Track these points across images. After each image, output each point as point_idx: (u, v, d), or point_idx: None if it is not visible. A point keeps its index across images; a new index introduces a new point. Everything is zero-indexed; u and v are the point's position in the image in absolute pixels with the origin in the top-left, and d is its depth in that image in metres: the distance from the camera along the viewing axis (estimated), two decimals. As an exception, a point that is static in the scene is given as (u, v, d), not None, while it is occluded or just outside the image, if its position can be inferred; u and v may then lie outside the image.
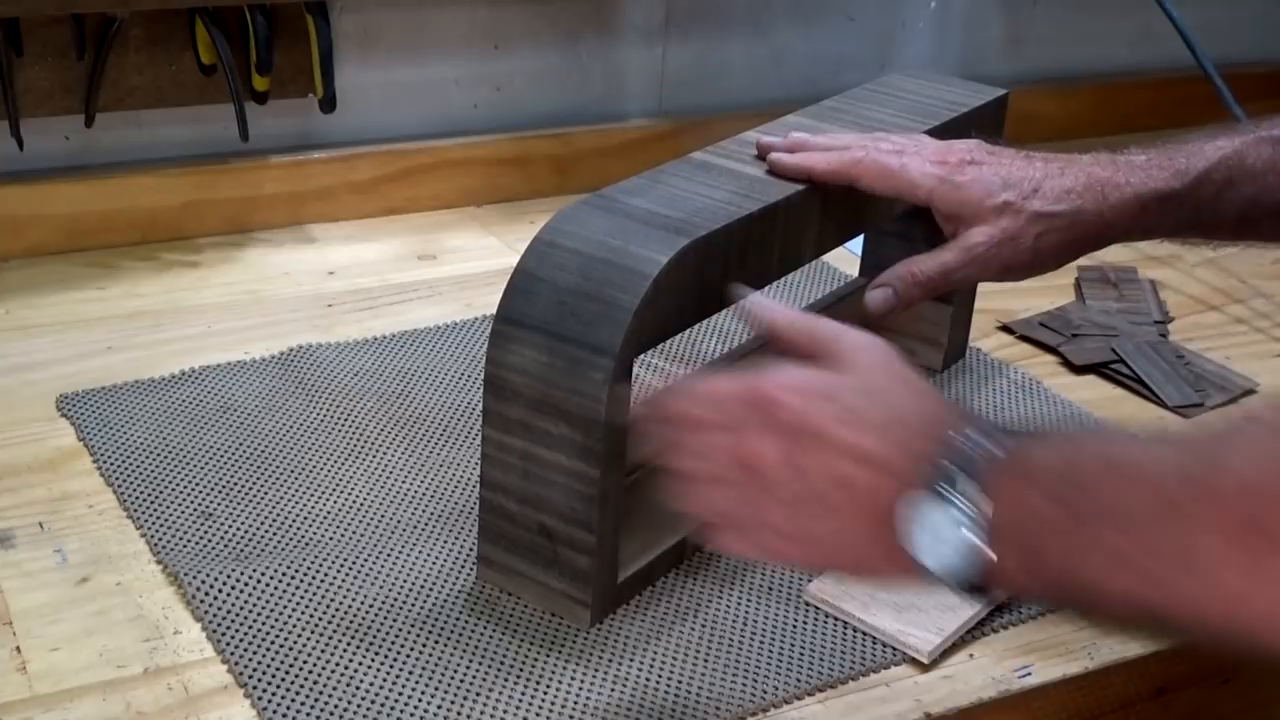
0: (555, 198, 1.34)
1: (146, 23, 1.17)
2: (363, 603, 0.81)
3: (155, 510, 0.88)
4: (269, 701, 0.74)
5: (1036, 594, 0.62)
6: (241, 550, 0.85)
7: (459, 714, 0.74)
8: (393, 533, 0.87)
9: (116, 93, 1.19)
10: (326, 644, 0.78)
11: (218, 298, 1.14)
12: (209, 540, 0.85)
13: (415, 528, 0.88)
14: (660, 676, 0.78)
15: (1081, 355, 1.14)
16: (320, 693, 0.75)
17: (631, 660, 0.79)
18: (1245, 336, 1.21)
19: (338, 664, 0.77)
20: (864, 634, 0.82)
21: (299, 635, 0.78)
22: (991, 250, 0.85)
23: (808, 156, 0.86)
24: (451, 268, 1.23)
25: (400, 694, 0.75)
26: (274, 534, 0.86)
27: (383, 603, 0.81)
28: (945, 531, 0.58)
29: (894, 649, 0.81)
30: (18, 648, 0.76)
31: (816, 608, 0.84)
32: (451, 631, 0.80)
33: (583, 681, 0.77)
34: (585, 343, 0.75)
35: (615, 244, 0.77)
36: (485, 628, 0.80)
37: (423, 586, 0.83)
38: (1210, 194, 0.84)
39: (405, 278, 1.20)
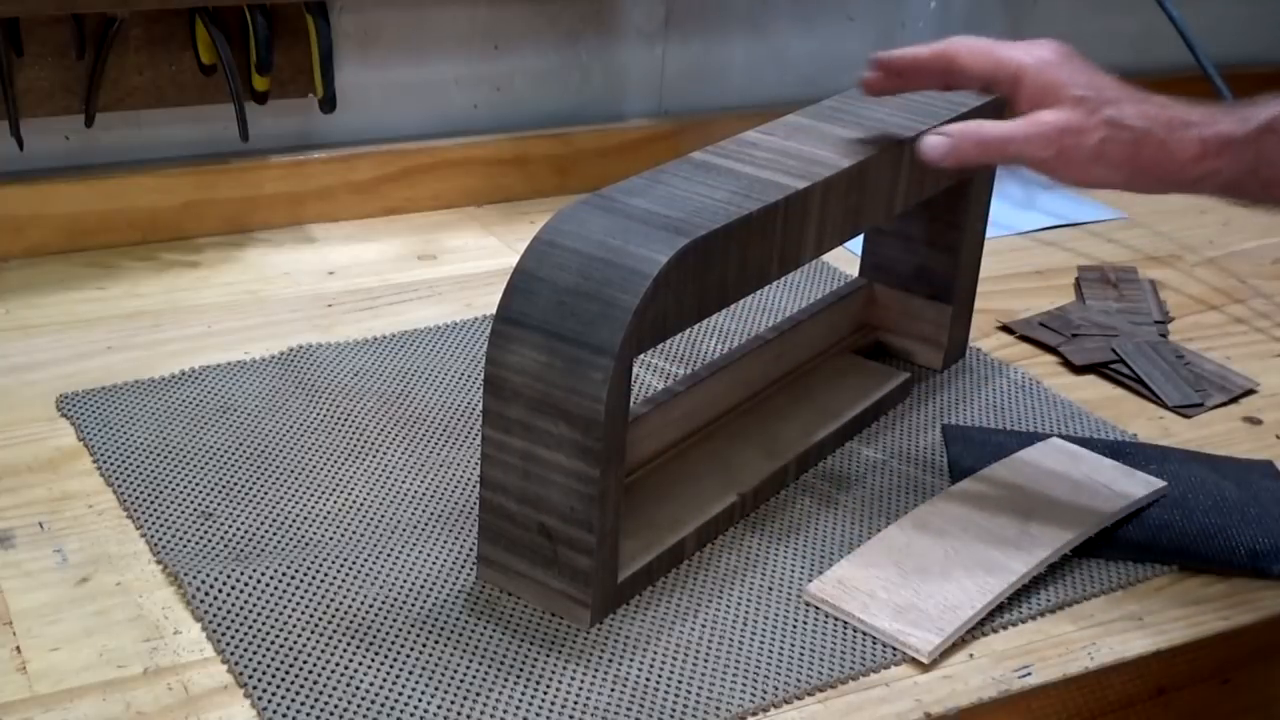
0: (555, 198, 1.34)
1: (146, 23, 1.17)
2: (363, 603, 0.81)
3: (155, 510, 0.88)
4: (269, 701, 0.74)
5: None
6: (241, 550, 0.85)
7: (459, 714, 0.74)
8: (393, 533, 0.88)
9: (116, 93, 1.19)
10: (326, 644, 0.78)
11: (218, 298, 1.14)
12: (209, 540, 0.85)
13: (415, 528, 0.88)
14: (660, 676, 0.78)
15: (1081, 355, 1.14)
16: (320, 693, 0.75)
17: (631, 660, 0.79)
18: (1245, 336, 1.21)
19: (338, 664, 0.77)
20: (864, 634, 0.82)
21: (299, 635, 0.78)
22: (1055, 133, 0.85)
23: (911, 48, 0.91)
24: (451, 268, 1.23)
25: (400, 694, 0.75)
26: (274, 534, 0.86)
27: (383, 603, 0.81)
28: None
29: (894, 649, 0.81)
30: (18, 648, 0.76)
31: (816, 607, 0.84)
32: (451, 631, 0.80)
33: (583, 681, 0.77)
34: (585, 342, 0.75)
35: (615, 244, 0.77)
36: (485, 628, 0.80)
37: (423, 586, 0.83)
38: (1272, 143, 0.86)
39: (405, 278, 1.20)
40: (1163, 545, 0.90)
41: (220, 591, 0.81)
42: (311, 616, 0.80)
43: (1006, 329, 1.18)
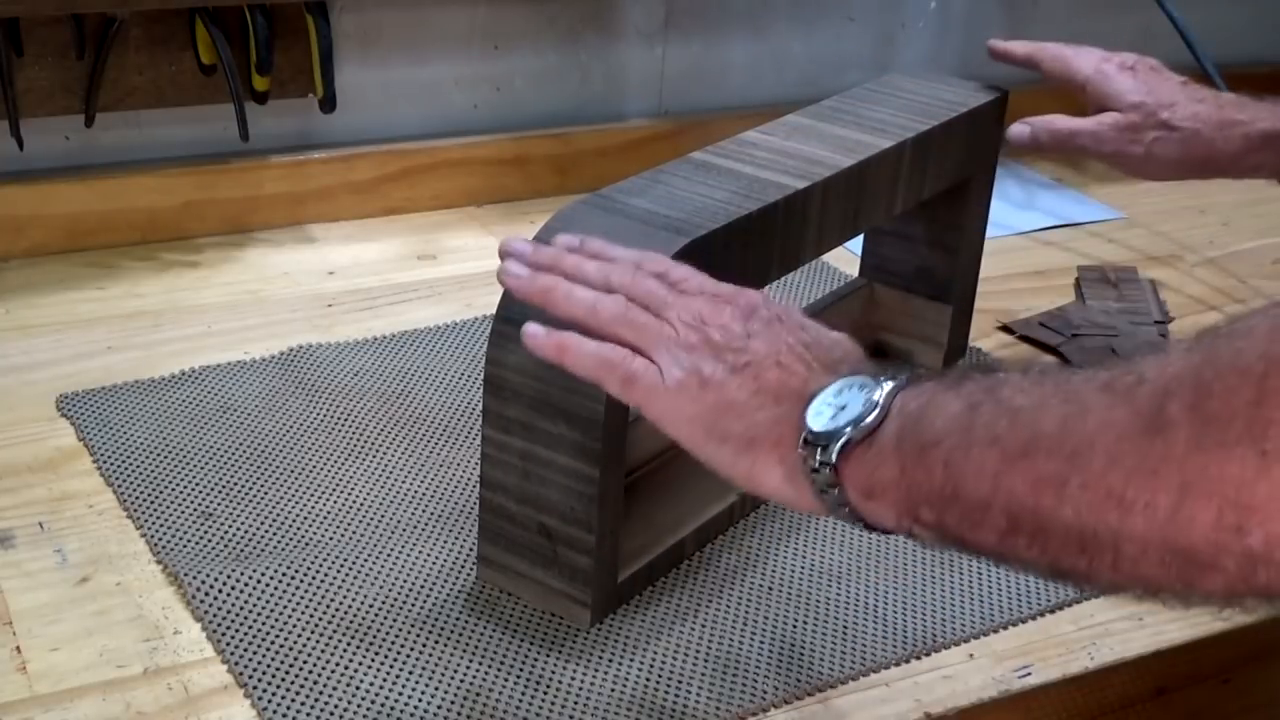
0: (555, 198, 1.34)
1: (146, 23, 1.17)
2: (363, 603, 0.81)
3: (155, 510, 0.88)
4: (269, 701, 0.74)
5: (896, 495, 0.60)
6: (241, 550, 0.85)
7: (459, 714, 0.74)
8: (393, 533, 0.87)
9: (116, 93, 1.19)
10: (326, 644, 0.78)
11: (218, 298, 1.14)
12: (209, 540, 0.85)
13: (415, 528, 0.88)
14: (660, 676, 0.78)
15: (1081, 355, 1.14)
16: (320, 693, 0.75)
17: (631, 660, 0.79)
18: (1245, 336, 1.21)
19: (338, 664, 0.77)
20: (864, 632, 0.82)
21: (299, 635, 0.78)
22: (1113, 132, 1.01)
23: (1013, 43, 1.08)
24: (451, 268, 1.23)
25: (400, 694, 0.75)
26: (274, 534, 0.86)
27: (383, 603, 0.81)
28: (847, 400, 0.61)
29: (894, 647, 0.81)
30: (18, 648, 0.76)
31: (816, 606, 0.84)
32: (451, 631, 0.80)
33: (583, 681, 0.77)
34: (585, 343, 0.75)
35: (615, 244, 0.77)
36: (485, 628, 0.80)
37: (423, 586, 0.83)
38: None
39: (405, 278, 1.20)
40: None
41: (220, 591, 0.81)
42: (311, 616, 0.80)
43: (1006, 329, 1.18)
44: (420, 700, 0.75)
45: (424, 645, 0.79)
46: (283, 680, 0.75)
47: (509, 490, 0.80)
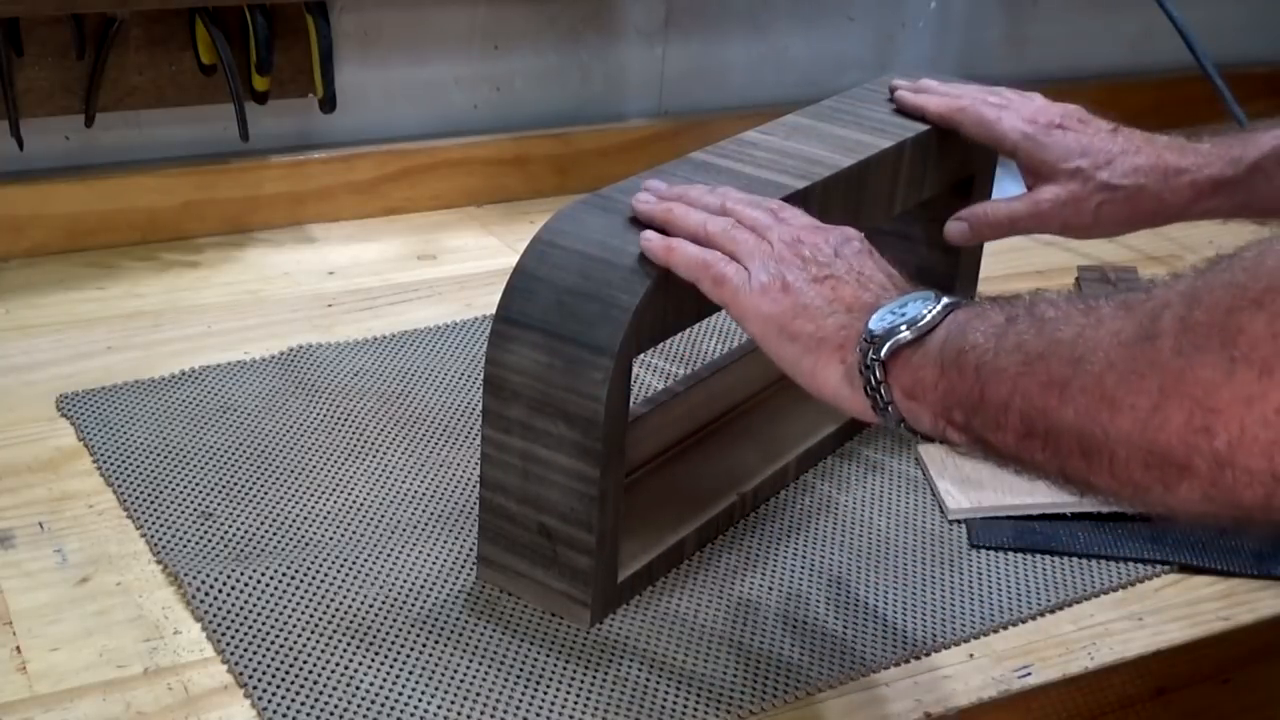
0: (555, 198, 1.34)
1: (146, 23, 1.17)
2: (363, 603, 0.81)
3: (155, 510, 0.88)
4: (269, 701, 0.74)
5: (933, 397, 0.65)
6: (241, 550, 0.85)
7: (459, 714, 0.74)
8: (393, 533, 0.87)
9: (116, 93, 1.19)
10: (326, 644, 0.78)
11: (218, 298, 1.14)
12: (209, 540, 0.85)
13: (415, 528, 0.88)
14: (660, 676, 0.78)
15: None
16: (320, 693, 0.75)
17: (631, 660, 0.79)
18: (1245, 336, 1.21)
19: (338, 664, 0.77)
20: (864, 632, 0.82)
21: (299, 635, 0.78)
22: (1055, 208, 0.95)
23: (926, 98, 0.99)
24: (451, 268, 1.23)
25: (400, 694, 0.75)
26: (274, 534, 0.86)
27: (383, 603, 0.81)
28: (908, 309, 0.68)
29: (894, 647, 0.81)
30: (18, 648, 0.76)
31: (816, 606, 0.84)
32: (451, 631, 0.80)
33: (583, 681, 0.77)
34: (584, 342, 0.75)
35: (615, 244, 0.77)
36: (485, 628, 0.80)
37: (423, 586, 0.83)
38: (1261, 181, 0.92)
39: (405, 278, 1.20)
40: (1167, 547, 0.90)
41: (220, 591, 0.81)
42: (311, 616, 0.80)
43: (1006, 329, 1.18)
44: (420, 700, 0.75)
45: (424, 645, 0.79)
46: (283, 680, 0.75)
47: (509, 490, 0.80)
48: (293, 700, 0.74)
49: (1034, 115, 0.98)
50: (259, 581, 0.82)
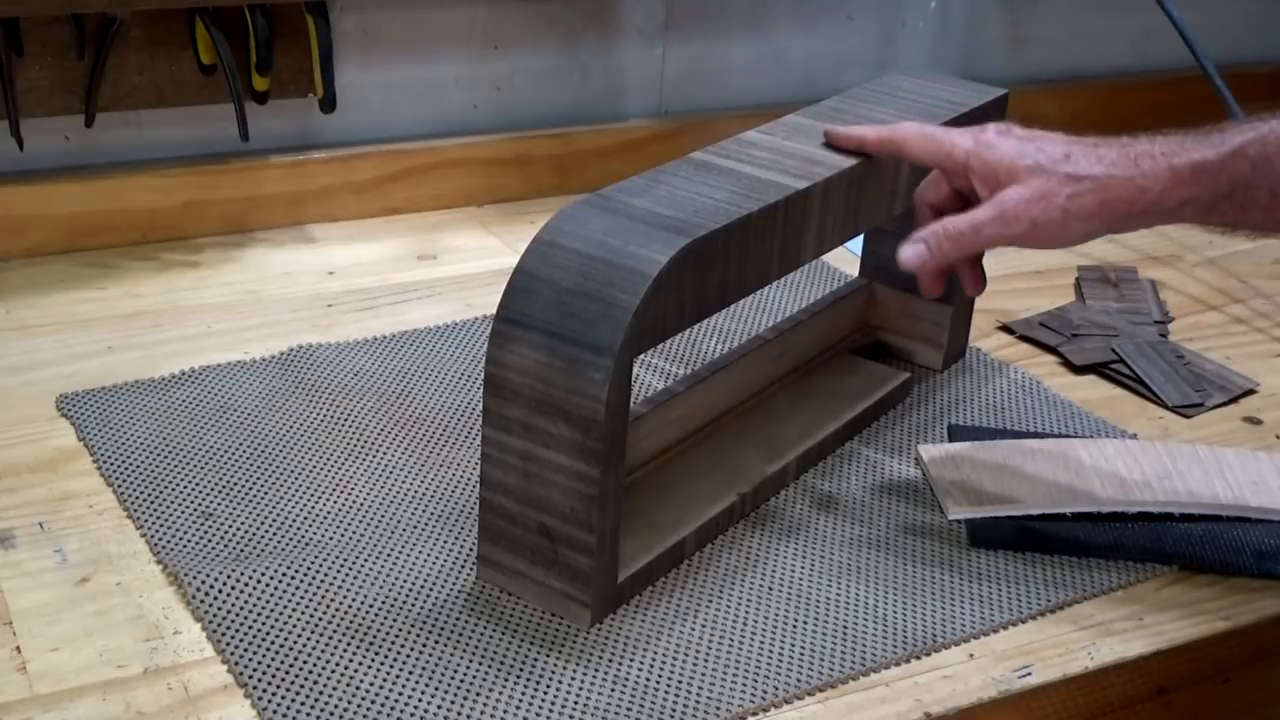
0: (555, 198, 1.34)
1: (146, 23, 1.17)
2: (363, 603, 0.81)
3: (155, 510, 0.88)
4: (269, 701, 0.74)
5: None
6: (241, 550, 0.85)
7: (459, 714, 0.74)
8: (393, 533, 0.88)
9: (116, 93, 1.19)
10: (326, 644, 0.78)
11: (218, 298, 1.14)
12: (209, 540, 0.85)
13: (415, 528, 0.88)
14: (660, 676, 0.78)
15: (1081, 355, 1.14)
16: (320, 693, 0.75)
17: (631, 660, 0.79)
18: (1245, 336, 1.21)
19: (338, 664, 0.77)
20: (864, 632, 0.82)
21: (299, 635, 0.78)
22: (1021, 207, 0.85)
23: (860, 129, 0.92)
24: (451, 268, 1.23)
25: (400, 694, 0.75)
26: (274, 534, 0.86)
27: (383, 603, 0.81)
28: None
29: (894, 647, 0.81)
30: (18, 648, 0.76)
31: (818, 605, 0.84)
32: (451, 631, 0.80)
33: (583, 681, 0.77)
34: (585, 343, 0.75)
35: (615, 244, 0.77)
36: (485, 628, 0.80)
37: (423, 586, 0.83)
38: (1244, 168, 0.84)
39: (405, 278, 1.20)
40: (1167, 546, 0.90)
41: (220, 591, 0.81)
42: (311, 616, 0.80)
43: (1006, 329, 1.18)
44: (420, 700, 0.75)
45: (424, 645, 0.79)
46: (283, 680, 0.75)
47: (509, 490, 0.80)
48: (293, 700, 0.74)
49: (974, 131, 0.89)
50: (259, 581, 0.82)
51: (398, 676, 0.76)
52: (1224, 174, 0.84)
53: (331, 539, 0.86)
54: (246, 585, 0.81)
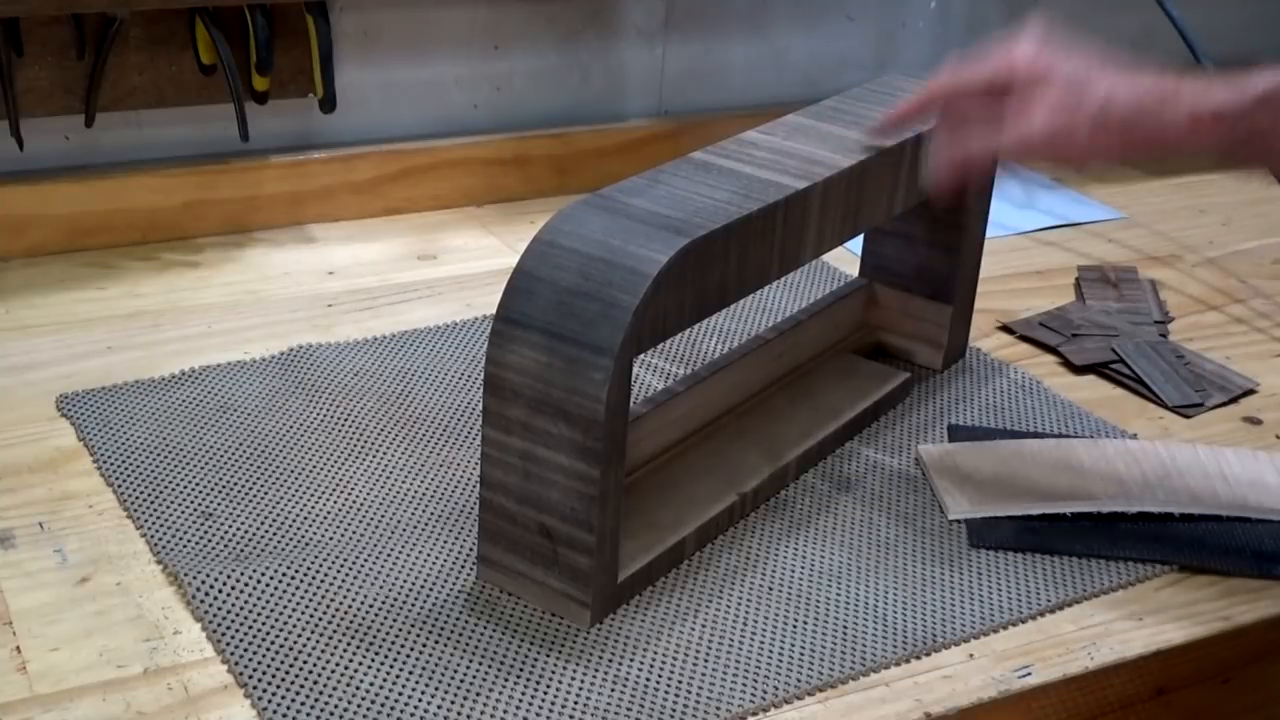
0: (555, 198, 1.34)
1: (146, 23, 1.17)
2: (363, 603, 0.81)
3: (155, 510, 0.88)
4: (269, 701, 0.74)
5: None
6: (241, 550, 0.85)
7: (459, 714, 0.74)
8: (393, 533, 0.88)
9: (116, 93, 1.19)
10: (326, 644, 0.78)
11: (218, 298, 1.14)
12: (209, 540, 0.85)
13: (415, 528, 0.88)
14: (660, 676, 0.78)
15: (1081, 355, 1.14)
16: (320, 693, 0.75)
17: (631, 660, 0.79)
18: (1245, 336, 1.21)
19: (338, 664, 0.77)
20: (864, 632, 0.82)
21: (299, 635, 0.78)
22: (1045, 134, 0.86)
23: (892, 112, 0.94)
24: (451, 268, 1.23)
25: (400, 694, 0.75)
26: (274, 534, 0.86)
27: (383, 603, 0.81)
28: None
29: (894, 647, 0.81)
30: (18, 648, 0.76)
31: (818, 603, 0.84)
32: (451, 631, 0.80)
33: (583, 681, 0.77)
34: (585, 342, 0.75)
35: (615, 244, 0.77)
36: (485, 628, 0.80)
37: (423, 586, 0.83)
38: (1265, 117, 0.84)
39: (405, 278, 1.20)
40: (1167, 547, 0.91)
41: (220, 591, 0.81)
42: (311, 616, 0.80)
43: (1006, 329, 1.18)
44: (420, 700, 0.75)
45: (424, 645, 0.79)
46: (283, 680, 0.75)
47: (509, 490, 0.80)
48: (293, 700, 0.74)
49: (1008, 45, 0.98)
50: (259, 581, 0.82)
51: (398, 676, 0.76)
52: (1244, 122, 0.84)
53: (331, 539, 0.86)
54: (246, 585, 0.81)
